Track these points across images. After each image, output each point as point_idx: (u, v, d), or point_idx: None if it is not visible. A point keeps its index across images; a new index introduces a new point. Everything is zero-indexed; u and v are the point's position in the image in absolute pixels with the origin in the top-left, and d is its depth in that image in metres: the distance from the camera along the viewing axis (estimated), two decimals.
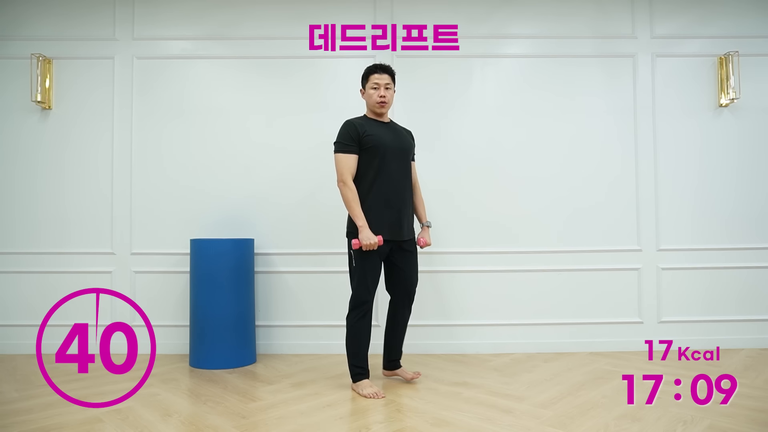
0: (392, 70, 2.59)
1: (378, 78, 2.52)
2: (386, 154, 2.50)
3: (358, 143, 2.47)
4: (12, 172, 3.38)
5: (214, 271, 3.00)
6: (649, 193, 3.37)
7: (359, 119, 2.56)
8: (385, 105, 2.54)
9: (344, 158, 2.46)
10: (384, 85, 2.53)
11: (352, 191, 2.44)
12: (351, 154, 2.46)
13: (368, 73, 2.56)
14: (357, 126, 2.48)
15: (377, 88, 2.53)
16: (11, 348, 3.29)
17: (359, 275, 2.47)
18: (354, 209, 2.43)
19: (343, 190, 2.45)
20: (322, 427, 2.09)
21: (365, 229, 2.40)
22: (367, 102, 2.58)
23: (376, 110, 2.56)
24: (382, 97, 2.52)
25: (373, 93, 2.53)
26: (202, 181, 3.38)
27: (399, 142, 2.58)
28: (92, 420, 2.15)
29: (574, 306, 3.34)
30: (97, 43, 3.41)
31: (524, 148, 3.39)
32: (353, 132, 2.47)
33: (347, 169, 2.46)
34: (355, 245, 2.41)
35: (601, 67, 3.42)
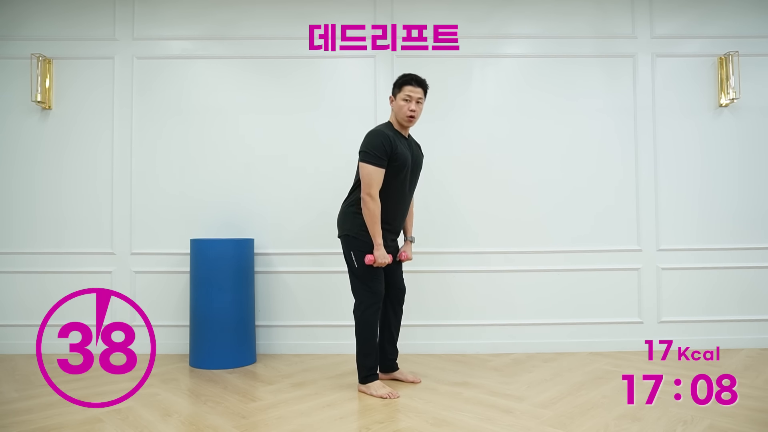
0: (427, 84, 2.53)
1: (412, 91, 2.46)
2: (407, 175, 2.50)
3: (388, 158, 2.41)
4: (12, 172, 3.38)
5: (214, 271, 3.00)
6: (649, 193, 3.37)
7: (388, 130, 2.47)
8: (413, 120, 2.50)
9: (375, 172, 2.39)
10: (416, 98, 2.47)
11: (378, 207, 2.41)
12: (382, 168, 2.40)
13: (402, 83, 2.48)
14: (391, 140, 2.41)
15: (409, 100, 2.46)
16: (11, 348, 3.29)
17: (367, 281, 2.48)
18: (375, 226, 2.41)
19: (370, 203, 2.39)
20: (322, 427, 2.09)
21: (381, 247, 2.42)
22: (395, 112, 2.51)
23: (404, 123, 2.51)
24: (412, 111, 2.46)
25: (403, 105, 2.46)
26: (203, 180, 3.38)
27: (417, 162, 2.59)
28: (92, 420, 2.15)
29: (574, 306, 3.34)
30: (97, 43, 3.41)
31: (524, 148, 3.39)
32: (388, 146, 2.39)
33: (377, 183, 2.40)
34: (368, 261, 2.43)
35: (601, 67, 3.42)
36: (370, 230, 2.42)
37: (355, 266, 2.50)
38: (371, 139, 2.43)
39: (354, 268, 2.51)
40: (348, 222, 2.52)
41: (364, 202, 2.41)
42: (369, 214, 2.40)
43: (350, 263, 2.52)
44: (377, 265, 2.44)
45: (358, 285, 2.51)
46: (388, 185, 2.46)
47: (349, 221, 2.52)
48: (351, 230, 2.50)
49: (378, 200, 2.41)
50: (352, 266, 2.52)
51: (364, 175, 2.41)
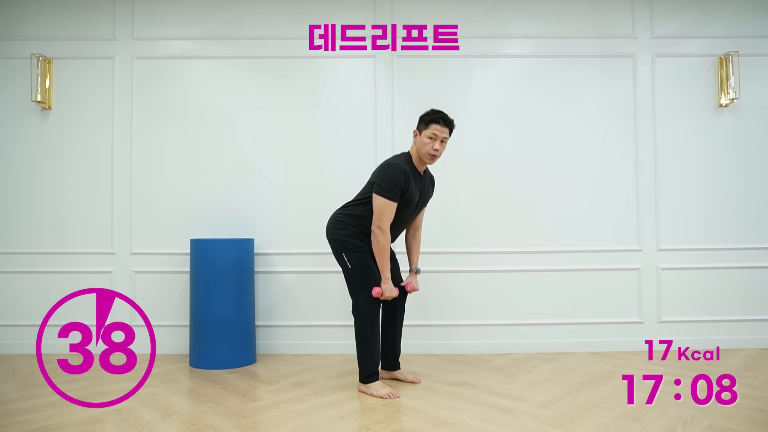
0: (453, 124, 2.50)
1: (438, 130, 2.43)
2: (408, 212, 2.51)
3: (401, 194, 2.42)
4: (12, 172, 3.38)
5: (214, 271, 3.00)
6: (649, 193, 3.37)
7: (406, 164, 2.45)
8: (435, 158, 2.49)
9: (388, 205, 2.39)
10: (441, 138, 2.45)
11: (388, 240, 2.43)
12: (395, 203, 2.41)
13: (430, 121, 2.45)
14: (406, 176, 2.41)
15: (434, 138, 2.43)
16: (11, 348, 3.29)
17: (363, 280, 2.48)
18: (384, 259, 2.44)
19: (380, 236, 2.41)
20: (322, 427, 2.09)
21: (389, 281, 2.46)
22: (418, 148, 2.47)
23: (426, 161, 2.49)
24: (435, 150, 2.45)
25: (428, 142, 2.43)
26: (203, 180, 3.38)
27: (422, 200, 2.60)
28: (92, 420, 2.15)
29: (574, 306, 3.34)
30: (97, 42, 3.41)
31: (524, 148, 3.39)
32: (403, 182, 2.39)
33: (389, 216, 2.41)
34: (376, 293, 2.44)
35: (601, 67, 3.42)
36: (379, 263, 2.44)
37: (349, 267, 2.50)
38: (388, 172, 2.41)
39: (348, 269, 2.51)
40: (339, 228, 2.54)
41: (374, 234, 2.42)
42: (378, 247, 2.42)
43: (344, 265, 2.53)
44: (384, 297, 2.46)
45: (356, 287, 2.51)
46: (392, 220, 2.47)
47: (340, 228, 2.54)
48: (340, 236, 2.52)
49: (389, 234, 2.44)
50: (345, 268, 2.52)
51: (376, 207, 2.41)
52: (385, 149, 3.35)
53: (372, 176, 2.51)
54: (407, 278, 2.70)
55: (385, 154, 3.35)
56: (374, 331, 2.50)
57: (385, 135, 3.37)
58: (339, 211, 2.62)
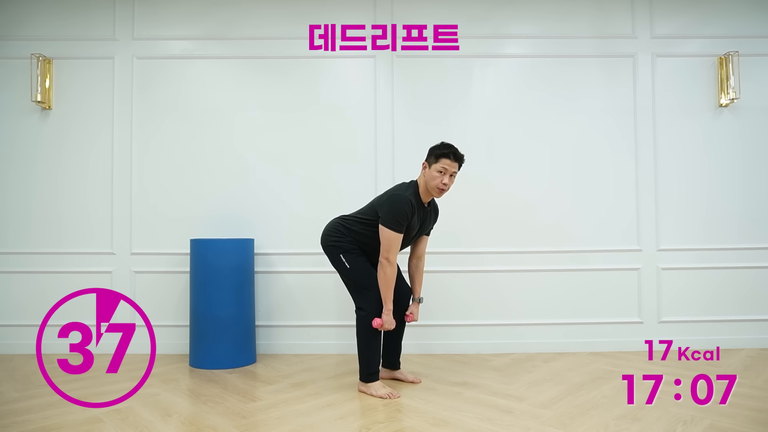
0: (463, 159, 2.51)
1: (448, 164, 2.43)
2: (404, 239, 2.50)
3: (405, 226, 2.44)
4: (12, 172, 3.37)
5: (214, 271, 3.00)
6: (649, 192, 3.37)
7: (413, 197, 2.45)
8: (443, 193, 2.49)
9: (396, 238, 2.40)
10: (450, 172, 2.45)
11: (395, 272, 2.45)
12: (401, 235, 2.42)
13: (441, 155, 2.44)
14: (413, 209, 2.42)
15: (443, 173, 2.43)
16: (11, 348, 3.29)
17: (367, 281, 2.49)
18: (389, 291, 2.44)
19: (387, 268, 2.41)
20: (322, 427, 2.09)
21: (390, 313, 2.46)
22: (427, 181, 2.47)
23: (434, 194, 2.49)
24: (444, 185, 2.44)
25: (437, 177, 2.43)
26: (202, 180, 3.38)
27: (421, 230, 2.60)
28: (92, 420, 2.15)
29: (574, 306, 3.34)
30: (96, 42, 3.40)
31: (524, 148, 3.39)
32: (410, 214, 2.41)
33: (396, 248, 2.42)
34: (376, 325, 2.45)
35: (601, 67, 3.42)
36: (383, 295, 2.45)
37: (347, 267, 2.51)
38: (396, 205, 2.41)
39: (346, 269, 2.51)
40: (336, 235, 2.55)
41: (382, 265, 2.42)
42: (385, 279, 2.43)
43: (341, 266, 2.53)
44: (384, 329, 2.47)
45: (356, 288, 2.52)
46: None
47: (337, 235, 2.55)
48: (337, 242, 2.53)
49: (396, 265, 2.45)
50: (343, 269, 2.53)
51: (383, 239, 2.42)
52: (385, 149, 3.35)
53: (378, 205, 2.50)
54: (409, 308, 2.70)
55: (386, 154, 3.35)
56: (375, 332, 2.50)
57: (385, 135, 3.37)
58: (337, 220, 2.61)
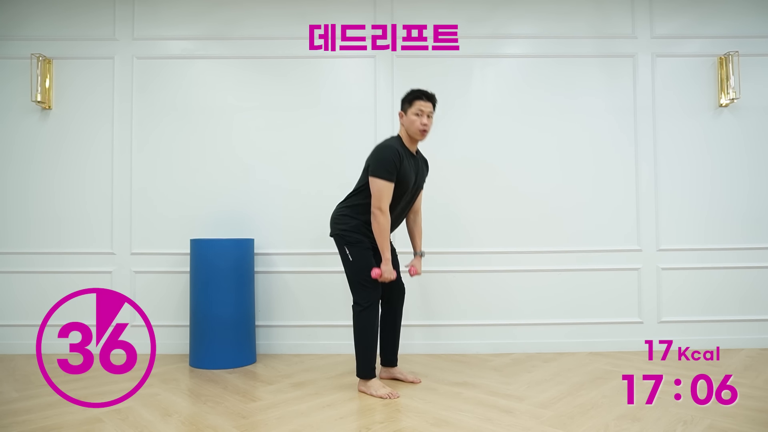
0: (436, 98, 2.54)
1: (423, 105, 2.47)
2: (406, 192, 2.51)
3: (397, 172, 2.43)
4: (12, 172, 3.37)
5: (214, 271, 3.00)
6: (649, 192, 3.37)
7: (398, 145, 2.47)
8: (425, 134, 2.50)
9: (386, 186, 2.39)
10: (428, 113, 2.47)
11: (388, 221, 2.42)
12: (391, 183, 2.41)
13: (413, 98, 2.49)
14: (400, 156, 2.42)
15: (420, 115, 2.46)
16: (10, 348, 3.29)
17: (365, 273, 2.48)
18: (384, 241, 2.43)
19: (381, 218, 2.40)
20: (322, 427, 2.09)
21: (389, 262, 2.45)
22: (407, 127, 2.51)
23: (416, 137, 2.51)
24: (424, 125, 2.47)
25: (415, 119, 2.46)
26: (202, 180, 3.38)
27: (419, 180, 2.60)
28: (92, 420, 2.15)
29: (574, 306, 3.34)
30: (96, 42, 3.41)
31: (524, 148, 3.39)
32: (397, 161, 2.40)
33: (387, 197, 2.41)
34: (375, 275, 2.44)
35: (601, 67, 3.42)
36: (379, 245, 2.43)
37: (350, 260, 2.50)
38: (381, 153, 2.43)
39: (349, 262, 2.51)
40: (342, 223, 2.54)
41: (374, 216, 2.42)
42: (379, 229, 2.41)
43: (345, 258, 2.53)
44: (383, 279, 2.46)
45: (355, 282, 2.51)
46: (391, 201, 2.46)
47: (343, 223, 2.54)
48: (344, 230, 2.52)
49: (388, 215, 2.43)
50: (347, 261, 2.52)
51: (374, 189, 2.41)
52: None
53: (367, 161, 2.52)
54: (411, 261, 2.70)
55: None
56: (373, 327, 2.50)
57: (385, 135, 3.35)
58: (341, 204, 2.62)
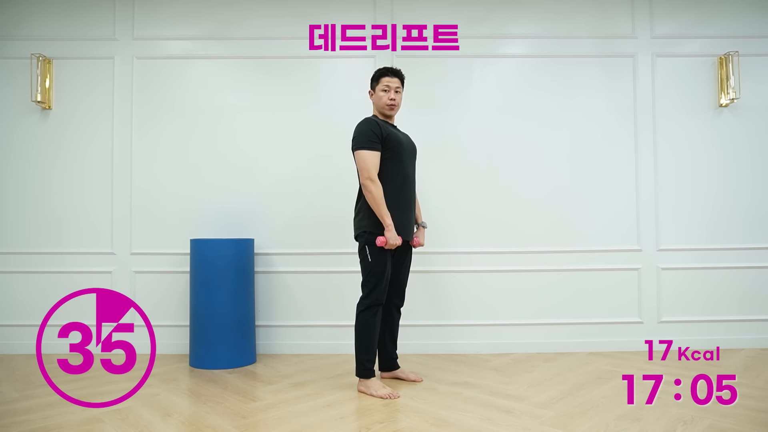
0: (402, 74, 2.61)
1: (389, 81, 2.54)
2: (404, 156, 2.52)
3: (381, 142, 2.45)
4: (12, 172, 3.37)
5: (214, 271, 3.00)
6: (649, 192, 3.37)
7: (375, 119, 2.53)
8: (394, 108, 2.57)
9: (370, 155, 2.41)
10: (394, 88, 2.55)
11: (379, 189, 2.40)
12: (376, 152, 2.43)
13: (379, 76, 2.57)
14: (379, 125, 2.46)
15: (387, 90, 2.54)
16: (10, 348, 3.29)
17: (378, 276, 2.47)
18: (382, 207, 2.41)
19: (371, 186, 2.39)
20: (322, 427, 2.09)
21: (392, 228, 2.42)
22: (376, 103, 2.59)
23: (386, 112, 2.57)
24: (392, 100, 2.54)
25: (383, 95, 2.54)
26: (203, 181, 3.38)
27: (410, 145, 2.63)
28: (92, 420, 2.15)
29: (574, 306, 3.34)
30: (96, 42, 3.41)
31: (524, 148, 3.39)
32: (376, 130, 2.44)
33: (374, 166, 2.41)
34: (380, 242, 2.41)
35: (601, 67, 3.42)
36: (378, 212, 2.41)
37: (368, 260, 2.48)
38: (359, 127, 2.50)
39: (367, 261, 2.49)
40: (363, 220, 2.51)
41: (365, 186, 2.42)
42: (372, 198, 2.40)
43: (364, 256, 2.51)
44: (388, 246, 2.42)
45: (367, 281, 2.49)
46: (391, 169, 2.47)
47: (364, 220, 2.51)
48: (367, 227, 2.49)
49: (378, 183, 2.41)
50: (365, 259, 2.50)
51: (359, 161, 2.43)
52: None
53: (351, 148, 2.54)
54: (415, 233, 2.68)
55: None
56: (374, 327, 2.49)
57: None
58: (356, 205, 2.61)
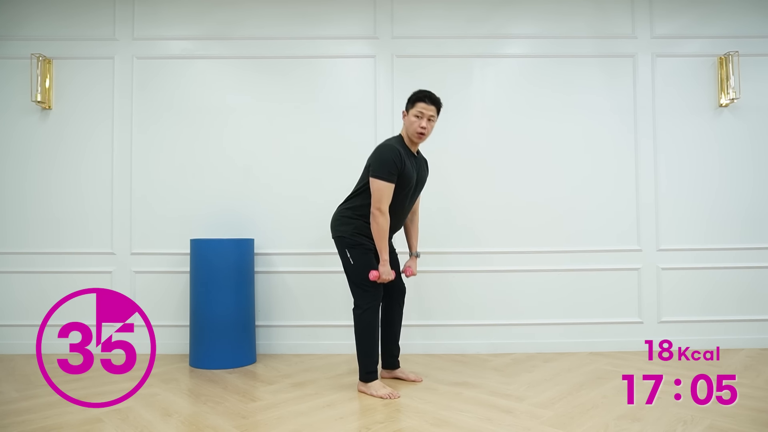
0: (440, 102, 2.52)
1: (424, 107, 2.45)
2: (408, 192, 2.50)
3: (398, 174, 2.42)
4: (11, 172, 3.37)
5: (214, 271, 3.00)
6: (649, 192, 3.37)
7: (399, 145, 2.46)
8: (423, 137, 2.49)
9: (386, 187, 2.38)
10: (428, 116, 2.46)
11: (387, 222, 2.42)
12: (392, 184, 2.40)
13: (415, 99, 2.48)
14: (401, 156, 2.41)
15: (420, 117, 2.45)
16: (10, 348, 3.29)
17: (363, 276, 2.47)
18: (383, 241, 2.43)
19: (380, 218, 2.40)
20: (322, 427, 2.09)
21: (387, 264, 2.44)
22: (406, 127, 2.50)
23: (414, 139, 2.50)
24: (423, 128, 2.45)
25: (415, 121, 2.46)
26: (203, 181, 3.38)
27: (421, 181, 2.61)
28: (92, 420, 2.15)
29: (574, 306, 3.34)
30: (96, 42, 3.41)
31: (524, 148, 3.39)
32: (398, 162, 2.39)
33: (387, 198, 2.40)
34: (373, 276, 2.43)
35: (601, 67, 3.42)
36: (378, 245, 2.43)
37: (351, 262, 2.50)
38: (382, 154, 2.41)
39: (350, 264, 2.50)
40: (343, 225, 2.53)
41: (374, 216, 2.41)
42: (378, 230, 2.41)
43: (346, 261, 2.52)
44: (381, 281, 2.46)
45: (355, 284, 2.51)
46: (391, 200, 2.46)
47: (344, 225, 2.53)
48: (345, 233, 2.51)
49: (388, 216, 2.42)
50: (347, 263, 2.51)
51: (374, 190, 2.40)
52: None
53: (368, 160, 2.51)
54: (407, 262, 2.70)
55: None
56: (374, 329, 2.50)
57: (385, 134, 3.36)
58: (342, 206, 2.61)
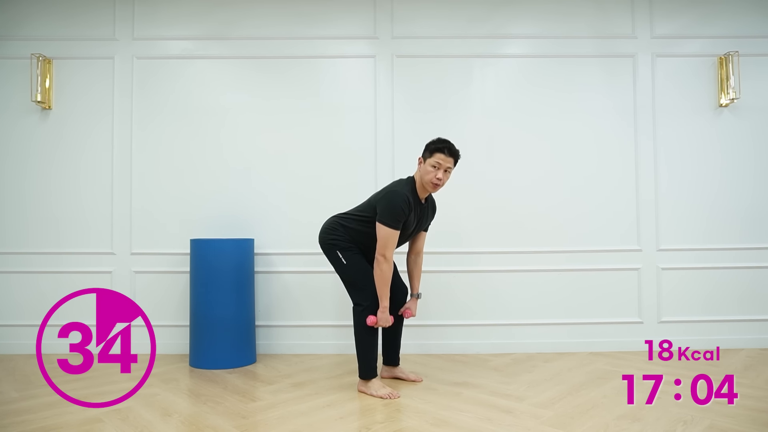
0: (459, 154, 2.50)
1: (442, 159, 2.42)
2: (402, 236, 2.50)
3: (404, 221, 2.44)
4: (11, 172, 3.37)
5: (214, 271, 3.00)
6: (649, 192, 3.37)
7: (410, 193, 2.45)
8: (437, 188, 2.48)
9: (392, 234, 2.40)
10: (445, 167, 2.44)
11: (391, 268, 2.44)
12: (398, 231, 2.41)
13: (435, 150, 2.44)
14: (409, 206, 2.42)
15: (437, 167, 2.43)
16: (10, 348, 3.29)
17: (362, 272, 2.48)
18: (385, 288, 2.43)
19: (384, 265, 2.40)
20: (322, 427, 2.09)
21: (386, 310, 2.46)
22: (422, 176, 2.47)
23: (428, 188, 2.49)
24: (438, 179, 2.44)
25: (431, 171, 2.43)
26: (203, 181, 3.38)
27: (419, 227, 2.60)
28: (92, 420, 2.15)
29: (574, 306, 3.34)
30: (96, 42, 3.40)
31: (524, 148, 3.39)
32: (407, 211, 2.40)
33: (392, 244, 2.41)
34: (370, 322, 2.45)
35: (601, 67, 3.42)
36: (379, 292, 2.44)
37: (344, 264, 2.50)
38: (393, 201, 2.40)
39: (343, 266, 2.51)
40: (332, 233, 2.54)
41: (378, 262, 2.41)
42: (381, 275, 2.42)
43: (338, 263, 2.52)
44: (378, 326, 2.47)
45: (353, 285, 2.52)
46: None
47: (333, 232, 2.54)
48: (338, 240, 2.52)
49: (392, 262, 2.44)
50: (341, 265, 2.52)
51: (381, 236, 2.41)
52: (385, 149, 3.35)
53: (376, 201, 2.49)
54: (407, 303, 2.70)
55: (385, 154, 3.35)
56: (372, 330, 2.50)
57: (385, 135, 3.37)
58: (334, 218, 2.60)
